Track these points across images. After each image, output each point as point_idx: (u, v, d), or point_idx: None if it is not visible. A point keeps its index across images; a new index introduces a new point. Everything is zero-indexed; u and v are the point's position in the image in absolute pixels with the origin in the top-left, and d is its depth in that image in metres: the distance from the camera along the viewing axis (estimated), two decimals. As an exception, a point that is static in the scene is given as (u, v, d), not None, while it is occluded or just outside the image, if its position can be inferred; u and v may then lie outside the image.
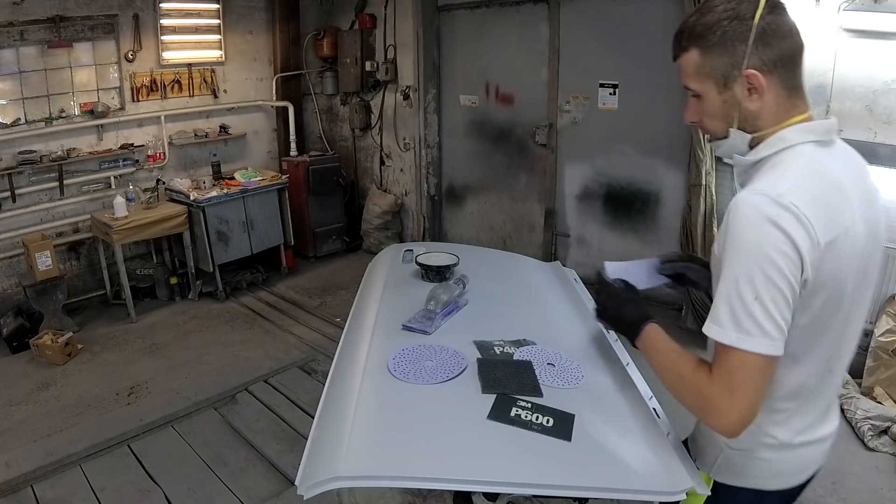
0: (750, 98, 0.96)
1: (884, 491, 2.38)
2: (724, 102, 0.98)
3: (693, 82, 1.00)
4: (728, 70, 0.95)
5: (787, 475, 1.07)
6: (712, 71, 0.96)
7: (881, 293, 2.97)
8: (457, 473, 1.01)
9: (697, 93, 1.00)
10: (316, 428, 1.15)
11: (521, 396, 1.19)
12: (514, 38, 4.31)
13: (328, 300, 4.44)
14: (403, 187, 5.29)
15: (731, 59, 0.94)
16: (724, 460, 1.08)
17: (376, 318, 1.56)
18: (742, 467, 1.06)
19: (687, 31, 0.98)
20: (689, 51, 0.98)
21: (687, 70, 1.00)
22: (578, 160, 4.15)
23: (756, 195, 0.89)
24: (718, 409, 0.91)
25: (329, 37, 5.24)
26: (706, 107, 1.01)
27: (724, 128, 1.01)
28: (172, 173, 4.60)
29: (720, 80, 0.97)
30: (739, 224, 0.89)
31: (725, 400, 0.90)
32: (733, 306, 0.88)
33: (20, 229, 3.97)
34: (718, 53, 0.95)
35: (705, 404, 0.92)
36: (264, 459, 2.64)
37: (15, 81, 3.82)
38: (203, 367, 3.47)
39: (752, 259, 0.87)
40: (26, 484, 2.50)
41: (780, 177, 0.92)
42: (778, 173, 0.93)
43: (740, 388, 0.89)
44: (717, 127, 1.02)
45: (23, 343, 3.67)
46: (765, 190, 0.89)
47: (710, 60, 0.96)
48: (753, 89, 0.95)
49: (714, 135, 1.04)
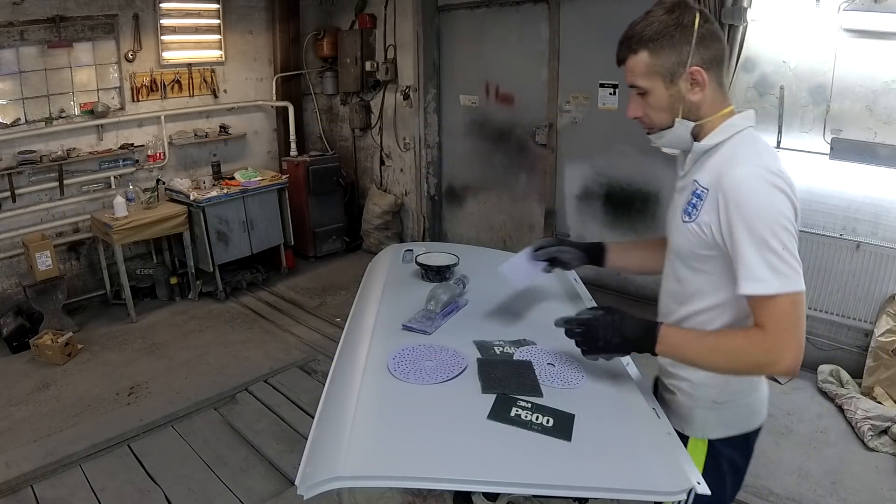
0: (693, 91, 1.13)
1: (884, 491, 2.38)
2: (671, 96, 1.14)
3: (642, 80, 1.14)
4: (675, 68, 1.11)
5: (759, 413, 1.28)
6: (661, 69, 1.12)
7: (881, 293, 2.97)
8: (457, 473, 1.01)
9: (645, 90, 1.15)
10: (316, 428, 1.15)
11: (521, 396, 1.19)
12: (514, 38, 4.31)
13: (328, 300, 4.44)
14: (403, 187, 5.29)
15: (677, 58, 1.11)
16: (716, 419, 1.24)
17: (376, 318, 1.56)
18: (730, 418, 1.24)
19: (636, 36, 1.12)
20: (639, 53, 1.13)
21: (636, 70, 1.14)
22: (578, 160, 4.15)
23: (753, 169, 1.05)
24: (783, 354, 1.03)
25: (329, 37, 5.24)
26: (653, 101, 1.15)
27: (670, 119, 1.16)
28: (172, 173, 4.61)
29: (668, 76, 1.12)
30: (750, 193, 1.04)
31: (787, 342, 1.03)
32: (769, 260, 1.02)
33: (20, 229, 3.97)
34: (667, 54, 1.11)
35: (770, 357, 1.04)
36: (264, 459, 2.64)
37: (15, 81, 3.82)
38: (203, 367, 3.47)
39: (771, 217, 1.02)
40: (26, 484, 2.50)
41: (755, 154, 1.09)
42: (748, 152, 1.10)
43: (795, 325, 1.03)
44: (662, 119, 1.17)
45: (23, 343, 3.67)
46: (756, 164, 1.06)
47: (659, 60, 1.11)
48: (696, 83, 1.12)
49: (659, 126, 1.18)
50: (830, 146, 2.90)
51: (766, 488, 2.41)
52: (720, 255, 1.12)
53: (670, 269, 1.28)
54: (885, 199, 2.87)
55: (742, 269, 1.05)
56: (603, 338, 1.17)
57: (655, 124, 1.18)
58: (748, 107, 3.15)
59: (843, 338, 3.14)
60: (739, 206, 1.04)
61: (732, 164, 1.08)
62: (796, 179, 1.08)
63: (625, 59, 1.15)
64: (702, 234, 1.13)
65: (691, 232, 1.15)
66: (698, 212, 1.14)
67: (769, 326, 1.04)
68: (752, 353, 1.06)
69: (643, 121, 1.20)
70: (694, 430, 1.26)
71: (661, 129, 1.18)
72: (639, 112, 1.19)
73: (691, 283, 1.21)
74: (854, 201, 2.96)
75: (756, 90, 3.13)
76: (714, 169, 1.13)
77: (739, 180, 1.05)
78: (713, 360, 1.11)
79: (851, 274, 3.03)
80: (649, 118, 1.18)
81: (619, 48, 1.16)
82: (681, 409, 1.27)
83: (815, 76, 2.94)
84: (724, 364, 1.11)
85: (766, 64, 3.08)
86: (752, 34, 3.05)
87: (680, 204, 1.21)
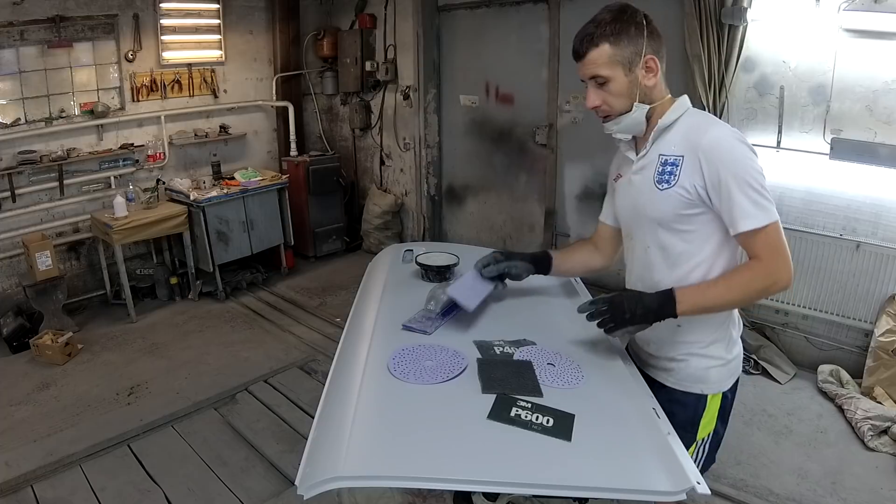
0: (647, 77, 1.30)
1: (884, 491, 2.38)
2: (630, 83, 1.30)
3: (605, 70, 1.29)
4: (633, 57, 1.28)
5: (739, 367, 1.46)
6: (621, 58, 1.28)
7: (881, 293, 2.97)
8: (457, 473, 1.01)
9: (606, 78, 1.29)
10: (316, 428, 1.15)
11: (521, 396, 1.19)
12: (514, 38, 4.31)
13: (328, 300, 4.44)
14: (403, 187, 5.29)
15: (634, 48, 1.28)
16: (727, 372, 1.41)
17: (376, 318, 1.56)
18: (735, 367, 1.43)
19: (598, 32, 1.28)
20: (601, 46, 1.28)
21: (599, 61, 1.29)
22: (578, 160, 4.16)
23: (723, 130, 1.26)
24: (781, 273, 1.22)
25: (329, 37, 5.24)
26: (614, 88, 1.30)
27: (629, 104, 1.32)
28: (172, 173, 4.60)
29: (627, 65, 1.28)
30: (730, 148, 1.24)
31: (782, 261, 1.22)
32: (753, 198, 1.21)
33: (20, 229, 3.97)
34: (625, 45, 1.27)
35: (772, 278, 1.23)
36: (264, 459, 2.64)
37: (15, 81, 3.82)
38: (203, 367, 3.47)
39: (748, 163, 1.22)
40: (26, 484, 2.49)
41: (714, 121, 1.33)
42: (707, 119, 1.33)
43: (783, 247, 1.23)
44: (622, 104, 1.32)
45: (23, 343, 3.67)
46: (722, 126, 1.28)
47: (619, 51, 1.28)
48: (650, 70, 1.30)
49: (619, 111, 1.33)
50: (830, 146, 2.90)
51: (766, 488, 2.41)
52: (705, 210, 1.28)
53: (648, 241, 1.40)
54: (885, 199, 2.87)
55: (736, 211, 1.22)
56: (629, 310, 1.28)
57: (615, 110, 1.33)
58: (748, 107, 3.19)
59: (843, 338, 3.14)
60: (723, 160, 1.22)
61: (702, 129, 1.27)
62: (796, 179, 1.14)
63: (586, 52, 1.30)
64: (686, 195, 1.28)
65: (673, 196, 1.29)
66: (676, 177, 1.29)
67: (764, 253, 1.22)
68: (758, 279, 1.23)
69: (602, 109, 1.34)
70: (711, 387, 1.40)
71: (620, 115, 1.33)
72: (598, 101, 1.33)
73: (676, 245, 1.34)
74: (854, 201, 2.96)
75: (756, 90, 3.12)
76: (679, 138, 1.30)
77: (717, 139, 1.24)
78: (730, 297, 1.27)
79: (851, 274, 3.03)
80: (609, 105, 1.33)
81: (581, 44, 1.30)
82: (697, 371, 1.40)
83: (815, 76, 2.94)
84: (739, 298, 1.27)
85: (766, 64, 3.08)
86: (752, 34, 3.05)
87: (647, 179, 1.35)
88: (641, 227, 1.41)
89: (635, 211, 1.41)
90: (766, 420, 2.86)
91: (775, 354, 3.26)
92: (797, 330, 3.28)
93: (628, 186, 1.43)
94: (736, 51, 3.03)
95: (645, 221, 1.38)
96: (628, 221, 1.47)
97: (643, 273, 1.43)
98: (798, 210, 3.08)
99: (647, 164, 1.36)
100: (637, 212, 1.40)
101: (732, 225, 1.24)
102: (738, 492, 2.38)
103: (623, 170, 1.48)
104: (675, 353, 1.41)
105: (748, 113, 3.15)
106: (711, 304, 1.28)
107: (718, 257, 1.32)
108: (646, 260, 1.41)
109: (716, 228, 1.30)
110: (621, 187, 1.48)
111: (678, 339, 1.40)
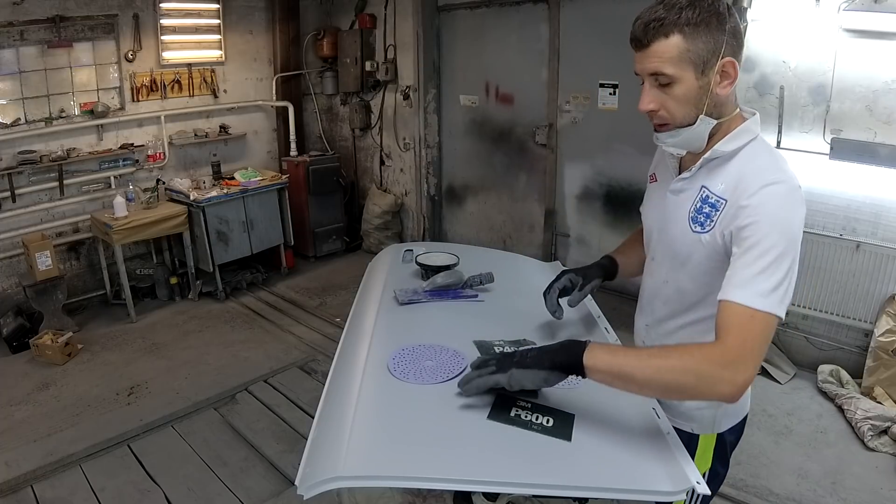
0: (721, 85, 1.05)
1: (884, 491, 2.39)
2: (700, 88, 1.04)
3: (671, 67, 1.03)
4: (708, 57, 1.02)
5: (739, 409, 1.27)
6: (695, 56, 1.02)
7: (881, 293, 2.97)
8: (456, 473, 1.01)
9: (672, 78, 1.04)
10: (316, 428, 1.14)
11: (521, 396, 1.19)
12: (514, 38, 4.31)
13: (328, 300, 4.44)
14: (403, 187, 5.29)
15: (713, 46, 1.02)
16: (723, 412, 1.24)
17: (376, 318, 1.56)
18: (735, 408, 1.24)
19: (670, 19, 1.01)
20: (671, 37, 1.02)
21: (666, 55, 1.03)
22: (578, 160, 4.16)
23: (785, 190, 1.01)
24: (739, 372, 0.94)
25: (329, 37, 5.24)
26: (680, 92, 1.05)
27: (693, 114, 1.07)
28: (172, 173, 4.60)
29: (700, 65, 1.03)
30: (784, 216, 1.00)
31: (749, 360, 0.95)
32: (778, 278, 0.97)
33: (20, 229, 3.97)
34: (703, 41, 1.01)
35: (726, 372, 0.95)
36: (264, 459, 2.64)
37: (15, 81, 3.82)
38: (203, 367, 3.47)
39: (791, 239, 0.99)
40: (26, 484, 2.50)
41: (778, 168, 1.05)
42: (771, 163, 1.06)
43: (758, 348, 0.96)
44: (685, 113, 1.07)
45: (23, 343, 3.68)
46: (784, 178, 1.02)
47: (694, 46, 1.02)
48: (727, 76, 1.05)
49: (680, 121, 1.08)
50: (830, 146, 2.90)
51: (766, 488, 2.41)
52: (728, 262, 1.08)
53: (667, 274, 1.23)
54: (885, 199, 2.88)
55: (743, 274, 0.99)
56: (520, 353, 1.06)
57: (675, 119, 1.08)
58: (748, 107, 3.18)
59: (843, 338, 3.14)
60: (767, 224, 0.99)
61: (759, 178, 1.03)
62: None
63: (651, 42, 1.03)
64: (716, 246, 1.08)
65: (704, 243, 1.10)
66: (713, 223, 1.08)
67: (736, 340, 0.96)
68: (708, 371, 0.95)
69: (659, 115, 1.09)
70: (705, 427, 1.25)
71: (679, 126, 1.08)
72: (655, 105, 1.08)
73: (695, 293, 1.17)
74: (854, 201, 2.96)
75: (756, 90, 3.13)
76: (732, 178, 1.07)
77: (771, 200, 1.00)
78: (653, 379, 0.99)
79: (851, 274, 3.03)
80: (668, 112, 1.08)
81: (646, 30, 1.03)
82: (686, 409, 1.25)
83: (815, 76, 2.94)
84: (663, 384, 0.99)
85: (766, 64, 3.08)
86: (752, 34, 3.05)
87: (682, 208, 1.16)
88: (664, 256, 1.24)
89: (661, 234, 1.25)
90: (766, 420, 2.86)
91: (775, 354, 3.26)
92: (797, 330, 3.28)
93: (661, 201, 1.24)
94: (736, 51, 3.03)
95: (670, 254, 1.21)
96: (653, 235, 1.30)
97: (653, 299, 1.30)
98: (798, 210, 3.08)
99: (687, 190, 1.16)
100: (665, 241, 1.23)
101: (727, 288, 1.00)
102: (738, 492, 2.38)
103: (661, 174, 1.30)
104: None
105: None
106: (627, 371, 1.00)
107: None
108: (659, 291, 1.27)
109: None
110: (654, 195, 1.31)
111: None
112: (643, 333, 1.37)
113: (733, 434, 1.29)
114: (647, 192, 1.38)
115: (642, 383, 1.01)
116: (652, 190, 1.33)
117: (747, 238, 1.01)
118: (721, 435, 1.27)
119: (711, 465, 1.28)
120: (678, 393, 1.04)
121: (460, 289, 1.67)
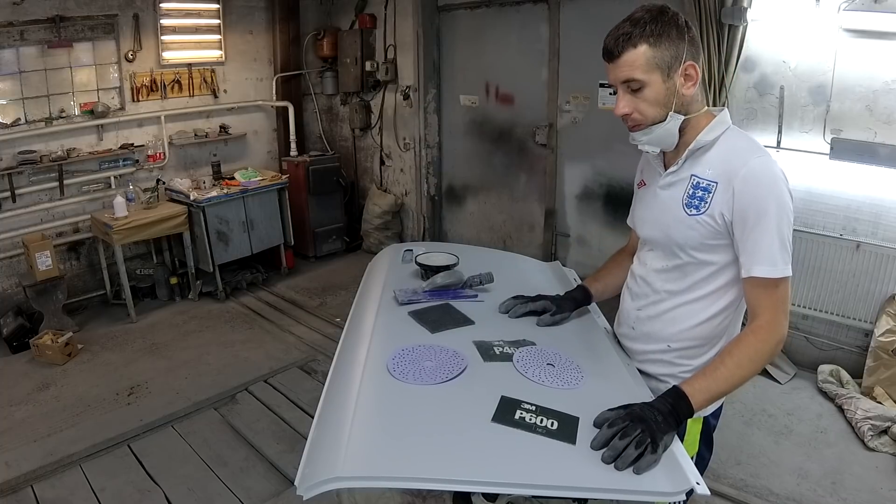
0: (686, 86, 1.20)
1: (884, 491, 2.38)
2: (667, 90, 1.20)
3: (641, 73, 1.18)
4: (672, 62, 1.18)
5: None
6: (661, 62, 1.17)
7: (881, 293, 2.97)
8: (456, 474, 1.01)
9: (643, 83, 1.18)
10: (315, 428, 1.15)
11: (523, 398, 1.19)
12: (514, 38, 4.31)
13: (328, 300, 4.44)
14: (403, 187, 5.29)
15: (675, 52, 1.17)
16: None
17: (376, 318, 1.56)
18: None
19: (637, 32, 1.17)
20: (639, 47, 1.17)
21: (636, 63, 1.17)
22: (578, 160, 4.15)
23: (767, 161, 1.17)
24: (783, 330, 1.17)
25: (329, 37, 5.24)
26: (650, 95, 1.20)
27: (663, 113, 1.21)
28: (172, 173, 4.61)
29: (665, 70, 1.18)
30: (770, 182, 1.15)
31: (784, 320, 1.17)
32: (783, 246, 1.15)
33: (20, 229, 3.97)
34: (666, 48, 1.17)
35: (777, 339, 1.17)
36: (264, 459, 2.65)
37: (15, 81, 3.82)
38: (203, 367, 3.47)
39: (785, 206, 1.15)
40: (26, 484, 2.50)
41: (757, 149, 1.21)
42: (750, 144, 1.22)
43: (785, 307, 1.18)
44: (656, 113, 1.21)
45: (23, 343, 3.68)
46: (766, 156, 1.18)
47: (659, 53, 1.17)
48: (690, 78, 1.20)
49: (651, 120, 1.22)
50: (830, 146, 2.90)
51: (766, 488, 2.41)
52: (727, 244, 1.22)
53: (662, 262, 1.33)
54: (885, 199, 2.87)
55: (759, 253, 1.15)
56: (652, 419, 1.07)
57: (647, 119, 1.22)
58: (748, 107, 3.19)
59: (843, 338, 3.14)
60: (759, 194, 1.15)
61: (743, 155, 1.18)
62: (796, 179, 1.11)
63: (621, 53, 1.18)
64: (715, 225, 1.20)
65: (701, 224, 1.22)
66: (708, 204, 1.21)
67: (769, 310, 1.16)
68: (765, 345, 1.16)
69: (632, 117, 1.23)
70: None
71: (651, 125, 1.22)
72: (629, 108, 1.22)
73: (693, 273, 1.28)
74: (854, 201, 2.96)
75: (756, 90, 3.12)
76: (717, 161, 1.22)
77: (758, 170, 1.16)
78: (742, 374, 1.16)
79: (851, 274, 3.03)
80: (641, 113, 1.22)
81: (616, 43, 1.19)
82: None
83: (815, 76, 2.94)
84: (751, 371, 1.17)
85: (766, 64, 3.08)
86: (752, 34, 3.05)
87: (675, 198, 1.27)
88: (661, 247, 1.34)
89: (658, 229, 1.34)
90: (766, 420, 2.86)
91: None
92: (797, 330, 3.28)
93: (653, 199, 1.35)
94: (736, 51, 3.03)
95: (666, 242, 1.31)
96: (648, 236, 1.39)
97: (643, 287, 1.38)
98: (798, 210, 3.02)
99: (676, 182, 1.28)
100: (660, 230, 1.33)
101: (748, 266, 1.16)
102: (738, 492, 2.38)
103: (648, 177, 1.41)
104: (659, 371, 1.38)
105: (748, 113, 3.14)
106: (725, 387, 1.16)
107: (728, 292, 1.26)
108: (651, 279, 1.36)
109: (732, 261, 1.23)
110: (645, 197, 1.40)
111: (666, 359, 1.36)
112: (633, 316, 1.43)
113: (716, 417, 1.40)
114: (635, 199, 1.49)
115: (735, 387, 1.19)
116: (642, 193, 1.43)
117: (750, 217, 1.15)
118: (706, 419, 1.36)
119: (698, 449, 1.37)
120: (758, 371, 1.20)
121: (460, 289, 1.67)
